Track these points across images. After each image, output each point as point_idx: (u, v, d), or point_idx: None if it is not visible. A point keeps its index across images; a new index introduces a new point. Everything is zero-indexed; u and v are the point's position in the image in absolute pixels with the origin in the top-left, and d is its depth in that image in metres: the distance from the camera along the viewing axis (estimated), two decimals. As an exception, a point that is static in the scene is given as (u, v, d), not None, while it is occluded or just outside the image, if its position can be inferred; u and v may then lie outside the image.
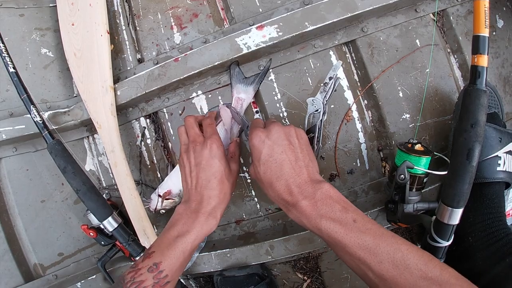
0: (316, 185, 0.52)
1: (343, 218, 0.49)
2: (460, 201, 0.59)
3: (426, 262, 0.44)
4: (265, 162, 0.55)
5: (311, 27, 0.70)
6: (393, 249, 0.45)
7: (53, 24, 0.92)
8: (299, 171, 0.54)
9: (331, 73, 0.72)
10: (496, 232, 0.66)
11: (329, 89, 0.71)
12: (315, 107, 0.71)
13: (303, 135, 0.60)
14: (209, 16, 0.83)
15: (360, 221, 0.49)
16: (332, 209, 0.50)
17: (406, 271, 0.44)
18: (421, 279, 0.43)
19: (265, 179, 0.55)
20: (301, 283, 0.86)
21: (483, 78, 0.58)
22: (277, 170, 0.54)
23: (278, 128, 0.57)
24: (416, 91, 0.76)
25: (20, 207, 0.89)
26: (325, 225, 0.49)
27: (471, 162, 0.57)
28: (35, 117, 0.75)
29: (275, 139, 0.56)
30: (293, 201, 0.52)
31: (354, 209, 0.51)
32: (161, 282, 0.54)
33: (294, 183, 0.53)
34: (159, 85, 0.76)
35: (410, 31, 0.76)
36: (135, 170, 0.87)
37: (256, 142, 0.56)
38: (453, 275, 0.43)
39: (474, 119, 0.58)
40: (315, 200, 0.51)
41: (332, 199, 0.51)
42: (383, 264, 0.45)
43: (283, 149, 0.55)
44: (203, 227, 0.58)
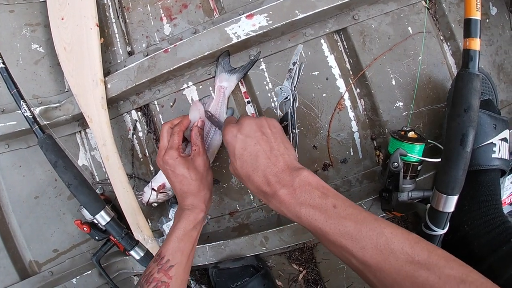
0: (293, 173, 0.50)
1: (322, 204, 0.47)
2: (455, 188, 0.58)
3: (412, 245, 0.42)
4: (240, 156, 0.54)
5: (301, 15, 0.69)
6: (376, 233, 0.43)
7: (44, 19, 0.91)
8: (275, 160, 0.52)
9: (294, 58, 0.70)
10: (492, 220, 0.65)
11: (295, 75, 0.70)
12: (284, 94, 0.70)
13: (276, 124, 0.59)
14: (199, 7, 0.82)
15: (341, 206, 0.47)
16: (311, 196, 0.48)
17: (391, 256, 0.42)
18: (407, 263, 0.41)
19: (242, 173, 0.54)
20: (297, 274, 0.86)
21: (476, 62, 0.57)
22: (253, 162, 0.53)
23: (249, 121, 0.57)
24: (409, 79, 0.75)
25: (14, 204, 0.88)
26: (305, 213, 0.47)
27: (465, 147, 0.56)
28: (25, 112, 0.74)
29: (247, 132, 0.55)
30: (272, 191, 0.50)
31: (334, 194, 0.49)
32: (164, 266, 0.60)
33: (271, 173, 0.51)
34: (149, 77, 0.75)
35: (402, 19, 0.75)
36: (127, 163, 0.87)
37: (229, 138, 0.56)
38: (442, 257, 0.41)
39: (467, 104, 0.57)
40: (293, 188, 0.49)
41: (311, 185, 0.49)
42: (366, 250, 0.43)
43: (256, 140, 0.54)
44: (189, 216, 0.65)
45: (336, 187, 0.79)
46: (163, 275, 0.59)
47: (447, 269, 0.40)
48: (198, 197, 0.67)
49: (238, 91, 0.80)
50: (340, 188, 0.79)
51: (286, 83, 0.70)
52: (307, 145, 0.78)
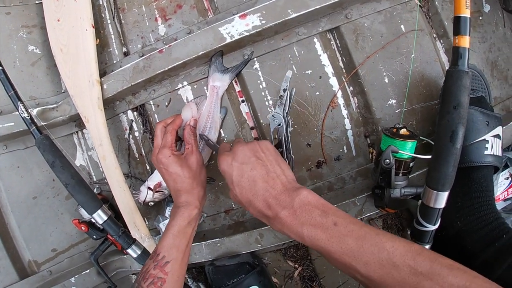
0: (292, 194, 0.51)
1: (323, 223, 0.47)
2: (445, 184, 0.58)
3: (414, 256, 0.42)
4: (238, 183, 0.54)
5: (294, 15, 0.70)
6: (377, 248, 0.44)
7: (40, 21, 0.92)
8: (272, 183, 0.53)
9: (284, 85, 0.71)
10: (485, 216, 0.65)
11: (286, 101, 0.71)
12: (277, 121, 0.70)
13: (269, 146, 0.59)
14: (193, 7, 0.82)
15: (341, 224, 0.47)
16: (311, 215, 0.48)
17: (394, 269, 0.42)
18: (410, 275, 0.41)
19: (243, 200, 0.55)
20: (293, 271, 0.86)
21: (465, 59, 0.58)
22: (252, 188, 0.53)
23: (242, 147, 0.57)
24: (401, 77, 0.75)
25: (12, 205, 0.89)
26: (307, 233, 0.48)
27: (455, 144, 0.57)
28: (22, 113, 0.75)
29: (241, 159, 0.56)
30: (273, 214, 0.51)
31: (334, 211, 0.49)
32: (160, 263, 0.61)
33: (270, 196, 0.52)
34: (144, 77, 0.76)
35: (395, 17, 0.76)
36: (124, 163, 0.88)
37: (225, 167, 0.57)
38: (445, 265, 0.41)
39: (457, 101, 0.57)
40: (294, 209, 0.49)
41: (311, 204, 0.50)
42: (369, 266, 0.43)
43: (252, 166, 0.55)
44: (184, 213, 0.66)
45: (330, 185, 0.80)
46: (159, 271, 0.60)
47: (450, 277, 0.40)
48: (191, 195, 0.68)
49: (232, 90, 0.81)
50: (334, 185, 0.79)
51: (278, 110, 0.71)
52: (301, 143, 0.79)
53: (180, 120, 0.72)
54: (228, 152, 0.59)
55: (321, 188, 0.80)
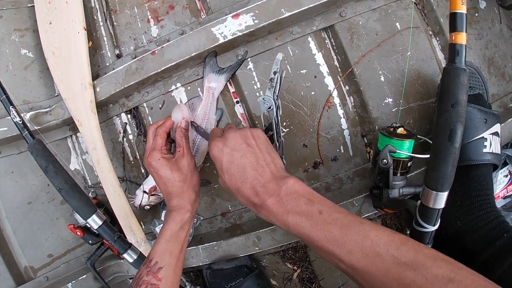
0: (280, 182, 0.51)
1: (308, 210, 0.47)
2: (445, 184, 0.57)
3: (398, 246, 0.42)
4: (228, 169, 0.54)
5: (287, 14, 0.69)
6: (361, 237, 0.43)
7: (32, 24, 0.91)
8: (261, 171, 0.53)
9: (274, 68, 0.70)
10: (484, 215, 0.65)
11: (276, 84, 0.69)
12: (267, 104, 0.69)
13: (260, 134, 0.59)
14: (186, 8, 0.81)
15: (326, 212, 0.47)
16: (297, 203, 0.48)
17: (377, 258, 0.42)
18: (393, 265, 0.41)
19: (231, 186, 0.55)
20: (291, 273, 0.85)
21: (462, 56, 0.57)
22: (241, 175, 0.53)
23: (234, 133, 0.57)
24: (397, 75, 0.74)
25: (7, 210, 0.89)
26: (292, 220, 0.48)
27: (454, 143, 0.56)
28: (14, 117, 0.74)
29: (232, 145, 0.56)
30: (260, 201, 0.51)
31: (320, 200, 0.49)
32: (153, 269, 0.61)
33: (259, 184, 0.52)
34: (137, 79, 0.75)
35: (390, 14, 0.75)
36: (118, 166, 0.87)
37: (215, 152, 0.57)
38: (430, 256, 0.40)
39: (455, 99, 0.56)
40: (280, 197, 0.50)
41: (298, 193, 0.50)
42: (353, 254, 0.43)
43: (242, 153, 0.55)
44: (175, 217, 0.66)
45: (327, 185, 0.79)
46: (152, 277, 0.59)
47: (434, 268, 0.39)
48: (182, 198, 0.67)
49: (226, 91, 0.80)
50: (332, 186, 0.79)
51: (268, 93, 0.69)
52: (297, 144, 0.78)
53: (170, 122, 0.71)
54: (220, 137, 0.58)
55: (319, 189, 0.79)
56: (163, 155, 0.67)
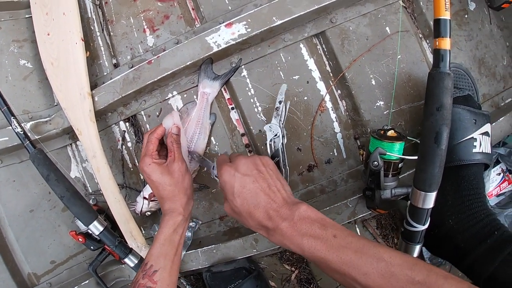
0: (293, 207, 0.53)
1: (323, 235, 0.49)
2: (432, 185, 0.59)
3: (411, 266, 0.44)
4: (240, 194, 0.55)
5: (279, 21, 0.71)
6: (376, 259, 0.46)
7: (30, 35, 0.93)
8: (273, 196, 0.55)
9: (280, 97, 0.74)
10: (476, 213, 0.66)
11: (282, 113, 0.73)
12: (273, 132, 0.72)
13: (269, 161, 0.61)
14: (180, 17, 0.83)
15: (340, 236, 0.49)
16: (311, 227, 0.50)
17: (393, 278, 0.44)
18: (408, 284, 0.43)
19: (243, 211, 0.56)
20: (290, 274, 0.87)
21: (446, 61, 0.59)
22: (253, 199, 0.55)
23: (244, 160, 0.59)
24: (388, 78, 0.76)
25: (10, 218, 0.90)
26: (307, 244, 0.49)
27: (440, 145, 0.58)
28: (16, 128, 0.76)
29: (244, 170, 0.57)
30: (274, 226, 0.52)
31: (333, 225, 0.51)
32: (148, 272, 0.62)
33: (272, 208, 0.53)
34: (135, 88, 0.77)
35: (380, 19, 0.76)
36: (118, 173, 0.88)
37: (227, 177, 0.57)
38: (440, 275, 0.43)
39: (439, 103, 0.58)
40: (294, 221, 0.51)
41: (310, 218, 0.52)
42: (369, 276, 0.45)
43: (254, 178, 0.56)
44: (168, 221, 0.68)
45: (322, 188, 0.80)
46: (148, 281, 0.61)
47: (446, 285, 0.42)
48: (174, 202, 0.69)
49: (221, 98, 0.82)
50: (326, 188, 0.80)
51: (274, 121, 0.73)
52: (291, 148, 0.80)
53: (161, 129, 0.73)
54: (230, 163, 0.60)
55: (313, 192, 0.81)
56: (154, 160, 0.69)
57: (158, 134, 0.72)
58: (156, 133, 0.72)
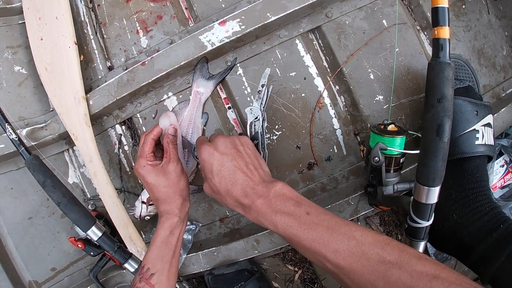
0: (269, 185, 0.53)
1: (296, 211, 0.50)
2: (436, 179, 0.57)
3: (383, 245, 0.44)
4: (218, 172, 0.56)
5: (273, 18, 0.69)
6: (347, 237, 0.45)
7: (24, 40, 0.92)
8: (251, 174, 0.55)
9: (262, 81, 0.72)
10: (480, 207, 0.65)
11: (264, 96, 0.72)
12: (254, 115, 0.71)
13: (248, 141, 0.62)
14: (173, 17, 0.82)
15: (313, 213, 0.49)
16: (285, 204, 0.51)
17: (363, 257, 0.43)
18: (379, 263, 0.42)
19: (221, 189, 0.56)
20: (293, 274, 0.86)
21: (446, 51, 0.57)
22: (231, 177, 0.55)
23: (223, 139, 0.60)
24: (387, 72, 0.75)
25: (8, 226, 0.89)
26: (280, 220, 0.50)
27: (442, 138, 0.56)
28: (10, 135, 0.75)
29: (222, 149, 0.58)
30: (250, 202, 0.53)
31: (308, 203, 0.52)
32: (145, 275, 0.62)
33: (249, 186, 0.54)
34: (129, 90, 0.76)
35: (376, 12, 0.75)
36: (116, 178, 0.87)
37: (206, 156, 0.58)
38: (414, 255, 0.42)
39: (440, 94, 0.57)
40: (269, 198, 0.52)
41: (285, 195, 0.52)
42: (339, 253, 0.45)
43: (232, 157, 0.57)
44: (164, 223, 0.67)
45: (322, 186, 0.79)
46: (145, 284, 0.61)
47: (419, 266, 0.41)
48: (169, 204, 0.69)
49: (218, 97, 0.80)
50: (327, 186, 0.79)
51: (256, 104, 0.72)
52: (290, 146, 0.78)
53: (158, 129, 0.72)
54: (209, 143, 0.60)
55: (314, 190, 0.79)
56: (148, 162, 0.69)
57: (154, 135, 0.71)
58: (152, 134, 0.71)
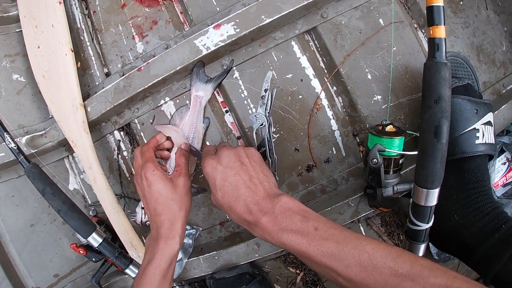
0: (274, 200, 0.51)
1: (304, 228, 0.48)
2: (434, 181, 0.57)
3: (395, 258, 0.43)
4: (221, 187, 0.55)
5: (268, 20, 0.69)
6: (358, 251, 0.44)
7: (22, 48, 0.92)
8: (255, 189, 0.53)
9: (265, 85, 0.71)
10: (482, 207, 0.64)
11: (268, 101, 0.70)
12: (259, 121, 0.70)
13: (254, 152, 0.60)
14: (169, 22, 0.82)
15: (322, 228, 0.47)
16: (292, 221, 0.49)
17: (375, 271, 0.43)
18: (391, 276, 0.42)
19: (224, 204, 0.55)
20: (295, 277, 0.85)
21: (442, 51, 0.56)
22: (234, 192, 0.54)
23: (227, 151, 0.58)
24: (384, 71, 0.74)
25: (11, 234, 0.90)
26: (288, 238, 0.48)
27: (440, 139, 0.55)
28: (9, 143, 0.75)
29: (226, 163, 0.56)
30: (254, 220, 0.51)
31: (315, 217, 0.50)
32: None
33: (252, 201, 0.52)
34: (126, 96, 0.76)
35: (372, 11, 0.74)
36: (116, 183, 0.87)
37: (209, 170, 0.57)
38: (426, 266, 0.42)
39: (437, 94, 0.56)
40: (274, 215, 0.50)
41: (292, 210, 0.50)
42: (351, 268, 0.44)
43: (236, 171, 0.55)
44: (164, 251, 0.61)
45: (322, 188, 0.78)
46: None
47: (431, 278, 0.40)
48: (173, 225, 0.62)
49: (215, 101, 0.80)
50: (327, 188, 0.78)
51: (260, 110, 0.70)
52: (288, 149, 0.78)
53: (155, 140, 0.71)
54: (213, 155, 0.59)
55: (314, 192, 0.79)
56: (157, 167, 0.65)
57: (152, 144, 0.70)
58: (150, 143, 0.70)
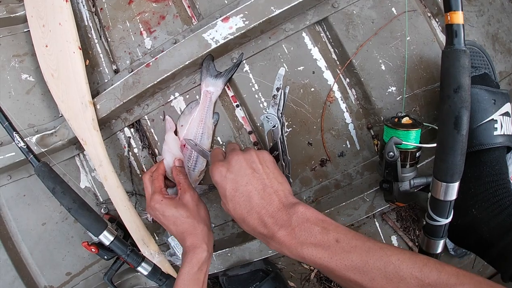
0: (290, 210, 0.48)
1: (324, 240, 0.45)
2: (454, 175, 0.54)
3: (421, 267, 0.41)
4: (232, 197, 0.52)
5: (277, 11, 0.67)
6: (383, 263, 0.42)
7: (30, 48, 0.92)
8: (269, 199, 0.50)
9: (277, 83, 0.67)
10: (500, 201, 0.62)
11: (280, 101, 0.67)
12: (271, 123, 0.66)
13: (266, 156, 0.56)
14: (176, 16, 0.81)
15: (344, 240, 0.45)
16: (311, 233, 0.46)
17: (401, 282, 0.41)
18: (418, 287, 0.40)
19: (236, 215, 0.52)
20: (309, 273, 0.84)
21: (461, 37, 0.54)
22: (246, 204, 0.50)
23: (237, 157, 0.54)
24: (399, 62, 0.72)
25: (23, 233, 0.90)
26: (308, 253, 0.45)
27: (460, 131, 0.53)
28: (18, 143, 0.75)
29: (236, 170, 0.53)
30: (270, 233, 0.48)
31: (335, 227, 0.47)
32: None
33: (267, 213, 0.49)
34: (135, 93, 0.75)
35: (385, 0, 0.72)
36: (127, 181, 0.87)
37: (218, 179, 0.54)
38: (452, 274, 0.40)
39: (457, 83, 0.54)
40: (292, 228, 0.47)
41: (310, 221, 0.47)
42: (376, 281, 0.42)
43: (248, 179, 0.52)
44: (192, 259, 0.62)
45: (336, 182, 0.77)
46: None
47: (458, 286, 0.39)
48: (196, 236, 0.64)
49: (225, 96, 0.79)
50: (341, 183, 0.77)
51: (272, 111, 0.67)
52: (301, 143, 0.76)
53: (163, 165, 0.73)
54: (222, 161, 0.55)
55: (328, 187, 0.77)
56: (164, 196, 0.67)
57: (161, 169, 0.72)
58: (159, 170, 0.72)
